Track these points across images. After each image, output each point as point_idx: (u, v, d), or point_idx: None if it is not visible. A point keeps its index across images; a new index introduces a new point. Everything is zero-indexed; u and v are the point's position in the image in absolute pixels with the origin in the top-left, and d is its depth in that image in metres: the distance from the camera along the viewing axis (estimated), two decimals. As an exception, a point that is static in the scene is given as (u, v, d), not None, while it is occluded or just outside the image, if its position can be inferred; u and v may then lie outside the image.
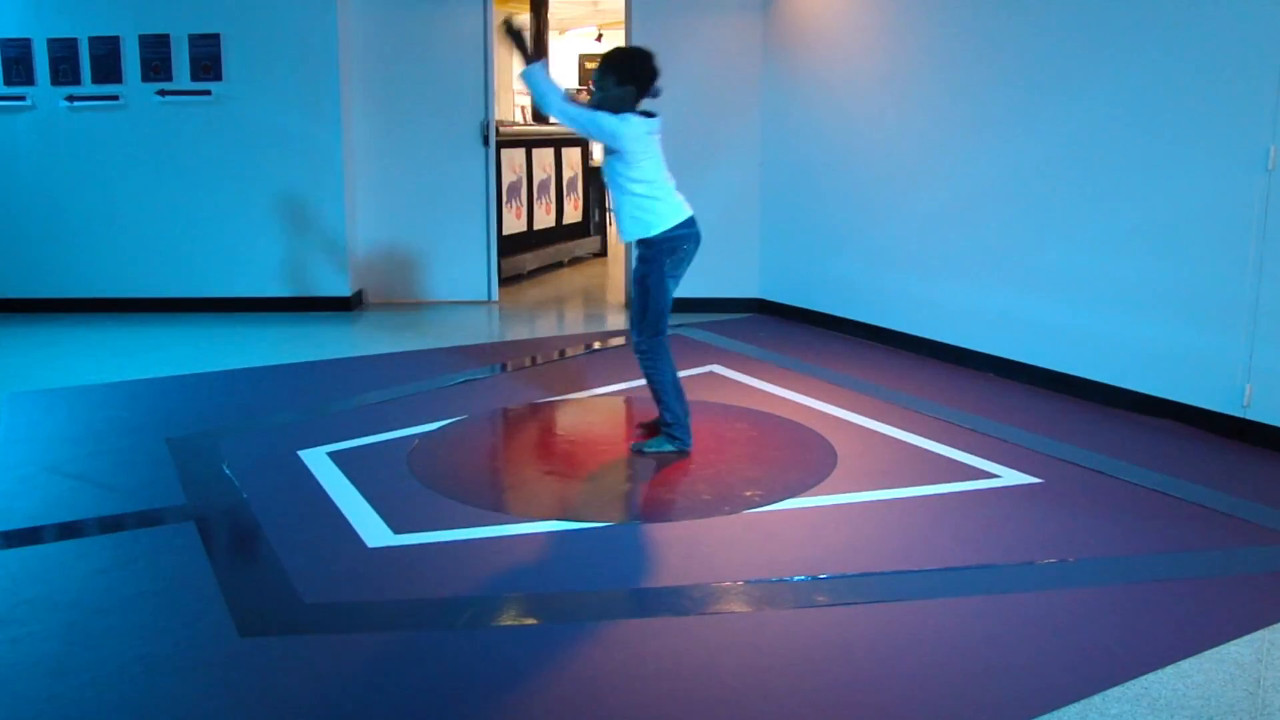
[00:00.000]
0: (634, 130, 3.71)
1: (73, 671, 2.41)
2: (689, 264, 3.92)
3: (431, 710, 2.26)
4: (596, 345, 6.06)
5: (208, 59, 6.73)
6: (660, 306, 3.86)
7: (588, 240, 9.75)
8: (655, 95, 3.82)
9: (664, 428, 3.99)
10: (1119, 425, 4.38)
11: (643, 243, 3.84)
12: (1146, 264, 4.40)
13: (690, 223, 3.86)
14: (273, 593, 2.82)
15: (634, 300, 3.91)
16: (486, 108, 7.15)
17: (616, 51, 3.89)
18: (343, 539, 3.17)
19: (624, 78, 3.74)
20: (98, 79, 6.77)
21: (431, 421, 4.38)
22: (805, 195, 6.50)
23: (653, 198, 3.80)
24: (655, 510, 3.49)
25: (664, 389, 3.92)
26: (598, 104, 3.78)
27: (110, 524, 3.33)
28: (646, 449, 3.98)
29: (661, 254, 3.82)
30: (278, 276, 6.97)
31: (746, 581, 2.90)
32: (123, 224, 6.91)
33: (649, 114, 3.81)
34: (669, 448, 3.97)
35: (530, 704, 2.29)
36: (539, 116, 11.39)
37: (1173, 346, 4.33)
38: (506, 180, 8.11)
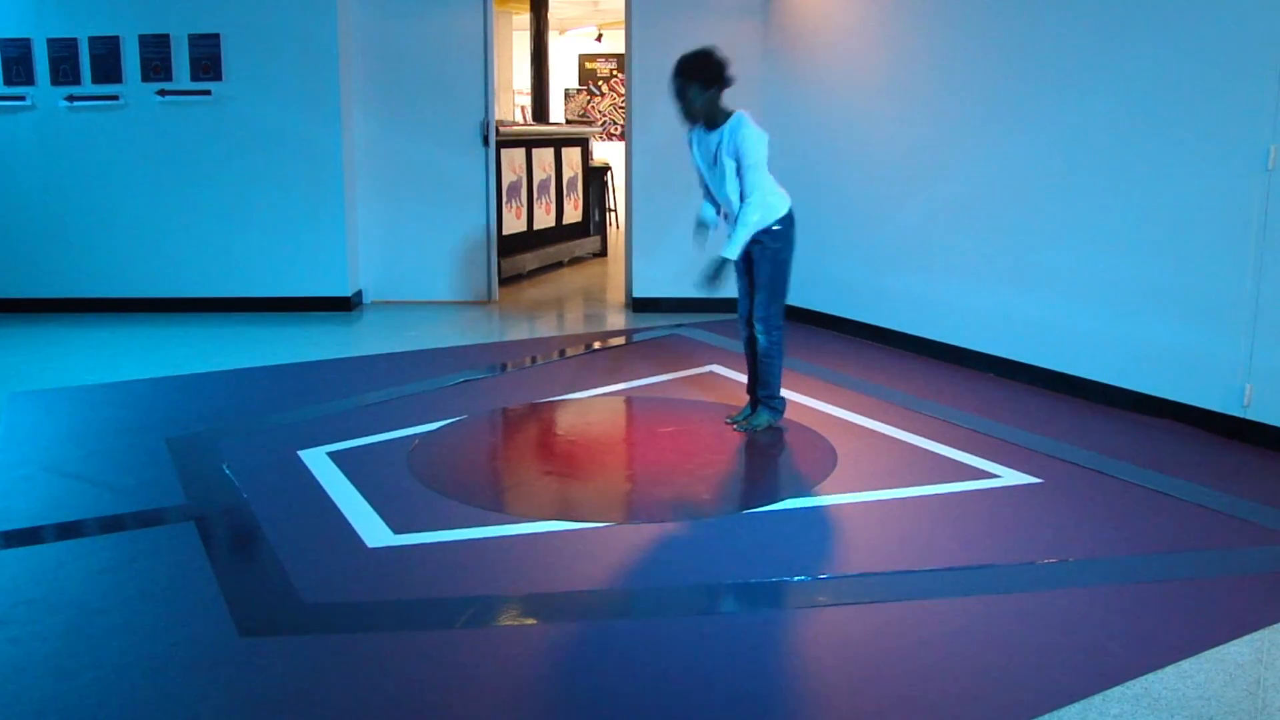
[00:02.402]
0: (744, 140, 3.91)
1: (73, 671, 2.41)
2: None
3: (431, 710, 2.26)
4: (596, 345, 6.06)
5: (208, 59, 6.73)
6: (787, 287, 4.13)
7: (588, 240, 9.75)
8: (731, 84, 3.94)
9: (769, 400, 4.20)
10: (1119, 425, 4.38)
11: (767, 232, 4.00)
12: (1147, 264, 4.40)
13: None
14: (273, 593, 2.82)
15: (766, 286, 4.05)
16: (486, 108, 7.15)
17: (687, 62, 3.91)
18: (343, 539, 3.17)
19: (708, 82, 3.85)
20: (98, 79, 6.77)
21: (431, 421, 4.38)
22: (805, 195, 6.45)
23: (771, 182, 4.02)
24: (655, 510, 3.48)
25: (780, 362, 4.17)
26: (687, 115, 3.93)
27: (110, 524, 3.33)
28: (758, 425, 4.19)
29: (790, 231, 4.09)
30: (278, 276, 6.97)
31: (746, 581, 2.90)
32: (122, 224, 6.92)
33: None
34: (776, 417, 4.23)
35: (530, 704, 2.29)
36: (539, 116, 11.42)
37: (1173, 346, 4.33)
38: (506, 180, 8.11)
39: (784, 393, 4.31)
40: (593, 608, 2.76)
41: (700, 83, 3.85)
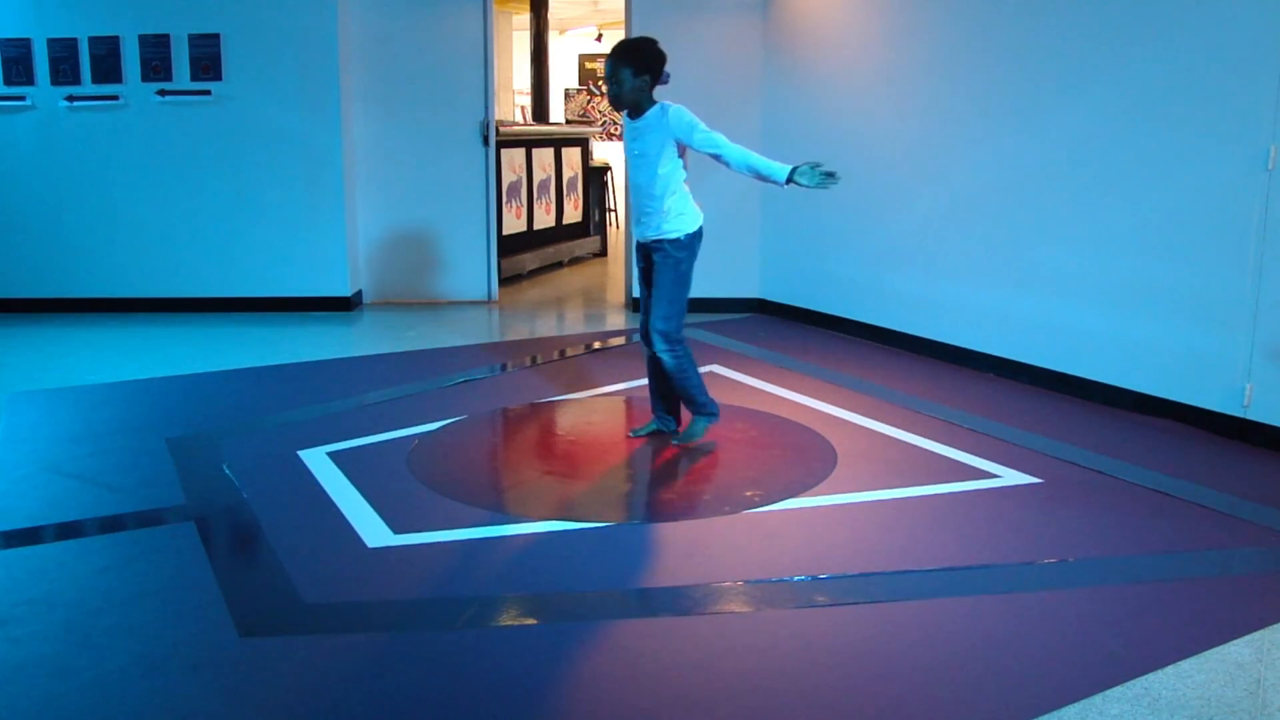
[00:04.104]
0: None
1: (73, 671, 2.41)
2: None
3: (431, 710, 2.26)
4: (596, 345, 6.06)
5: (208, 59, 6.73)
6: (687, 299, 3.98)
7: (588, 240, 9.75)
8: (665, 82, 3.89)
9: (699, 409, 4.08)
10: (1119, 425, 4.38)
11: (672, 241, 3.90)
12: (1146, 264, 4.40)
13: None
14: (273, 593, 2.82)
15: (665, 297, 3.93)
16: (486, 108, 7.15)
17: (624, 44, 3.92)
18: (343, 539, 3.17)
19: (640, 69, 3.80)
20: (98, 79, 6.77)
21: (431, 421, 4.38)
22: (805, 195, 6.48)
23: (688, 194, 3.93)
24: (655, 510, 3.48)
25: (694, 374, 4.03)
26: (614, 98, 3.86)
27: (110, 524, 3.33)
28: (696, 436, 4.07)
29: (696, 244, 3.95)
30: (278, 276, 6.97)
31: (746, 581, 2.90)
32: (122, 224, 6.92)
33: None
34: (713, 421, 4.10)
35: (530, 704, 2.29)
36: (539, 116, 11.43)
37: (1173, 346, 4.33)
38: (506, 180, 8.11)
39: (784, 391, 4.31)
40: (593, 608, 2.76)
41: (631, 68, 3.79)
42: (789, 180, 3.75)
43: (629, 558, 3.07)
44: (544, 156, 8.84)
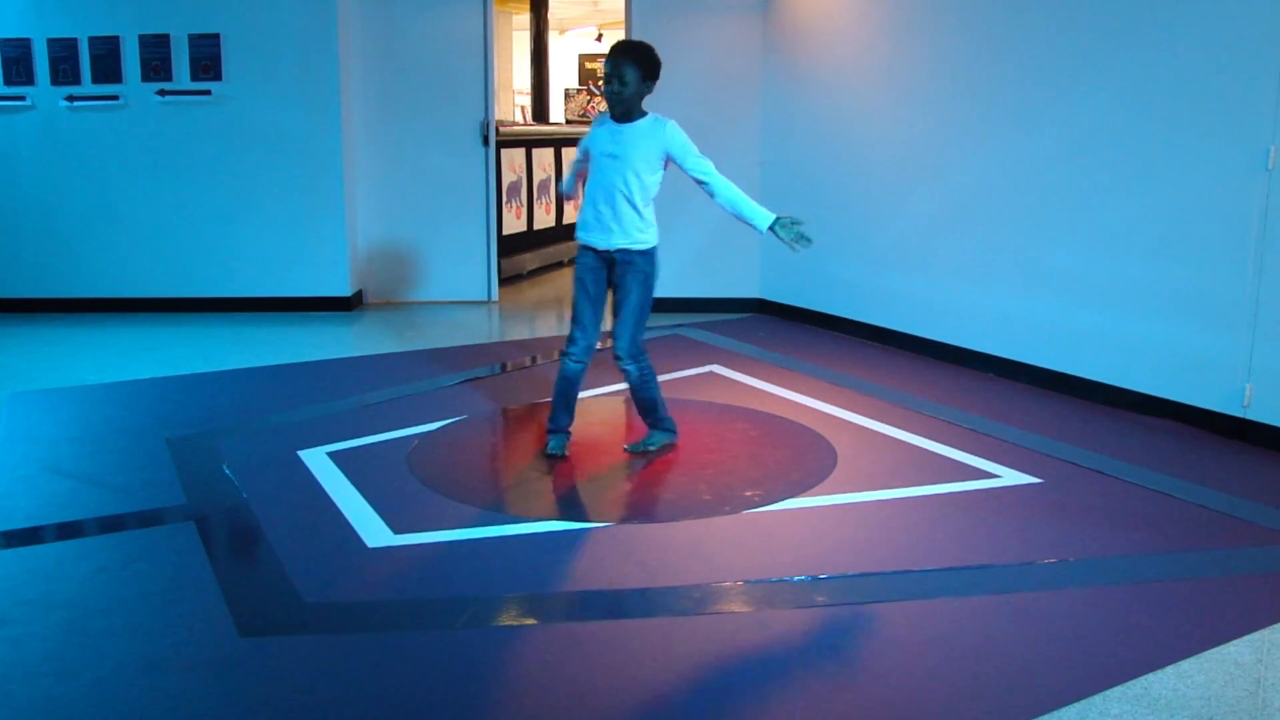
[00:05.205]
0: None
1: (73, 671, 2.41)
2: None
3: (431, 710, 2.26)
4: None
5: (208, 59, 6.73)
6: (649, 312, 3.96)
7: (588, 240, 9.75)
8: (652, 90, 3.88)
9: (659, 423, 4.06)
10: (1119, 425, 4.38)
11: (643, 253, 3.87)
12: (1146, 264, 4.40)
13: None
14: (273, 593, 2.82)
15: (634, 312, 3.88)
16: (486, 108, 7.15)
17: (634, 46, 3.85)
18: (343, 539, 3.17)
19: (646, 74, 3.78)
20: (98, 79, 6.77)
21: (431, 421, 4.38)
22: (805, 195, 6.50)
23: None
24: (655, 510, 3.48)
25: (657, 386, 4.02)
26: (615, 96, 3.80)
27: (110, 524, 3.33)
28: (652, 446, 4.02)
29: (656, 258, 3.93)
30: (278, 276, 6.97)
31: (746, 581, 2.90)
32: (122, 224, 6.91)
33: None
34: (669, 439, 4.06)
35: (529, 704, 2.29)
36: (539, 116, 11.44)
37: (1173, 346, 4.33)
38: (506, 180, 8.11)
39: (784, 391, 4.31)
40: (593, 608, 2.76)
41: (639, 70, 3.75)
42: (769, 229, 3.74)
43: (629, 558, 3.07)
44: (544, 156, 8.84)
